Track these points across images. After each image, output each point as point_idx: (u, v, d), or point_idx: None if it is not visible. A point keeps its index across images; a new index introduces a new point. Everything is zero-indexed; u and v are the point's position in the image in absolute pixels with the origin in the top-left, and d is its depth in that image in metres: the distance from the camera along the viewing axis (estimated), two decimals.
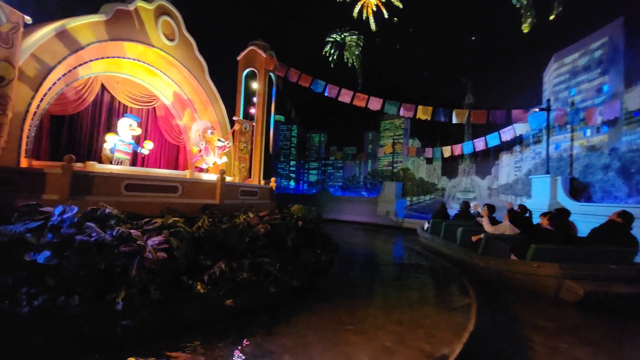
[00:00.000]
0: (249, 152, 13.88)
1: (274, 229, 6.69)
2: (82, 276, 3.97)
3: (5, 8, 5.42)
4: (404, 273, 8.70)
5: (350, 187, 29.73)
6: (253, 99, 14.67)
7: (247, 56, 14.67)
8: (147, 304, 4.12)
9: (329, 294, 6.00)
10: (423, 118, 12.73)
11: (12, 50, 5.55)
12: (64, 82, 7.53)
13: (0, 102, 5.38)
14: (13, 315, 3.53)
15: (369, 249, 12.27)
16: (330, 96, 13.77)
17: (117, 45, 8.25)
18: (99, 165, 6.59)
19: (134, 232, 4.43)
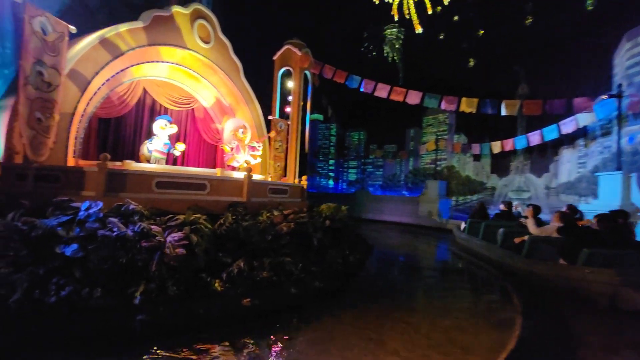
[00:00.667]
0: (284, 151, 13.93)
1: (299, 227, 6.52)
2: (105, 269, 4.10)
3: (51, 19, 5.87)
4: (441, 277, 8.06)
5: (390, 186, 28.80)
6: (289, 97, 14.69)
7: (282, 55, 14.71)
8: (164, 299, 4.14)
9: (355, 299, 5.67)
10: (467, 111, 11.74)
11: (58, 58, 6.01)
12: (108, 87, 8.08)
13: (47, 105, 5.85)
14: (42, 304, 3.72)
15: (407, 252, 11.63)
16: (366, 91, 13.32)
17: (155, 50, 8.66)
18: (135, 164, 6.93)
19: (154, 228, 4.50)
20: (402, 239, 14.95)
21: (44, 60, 5.76)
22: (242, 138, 9.46)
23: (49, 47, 5.84)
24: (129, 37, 7.75)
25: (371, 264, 8.60)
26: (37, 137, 5.70)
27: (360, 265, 7.37)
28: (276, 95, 14.72)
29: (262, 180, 8.01)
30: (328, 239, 6.90)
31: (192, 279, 4.55)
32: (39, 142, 5.73)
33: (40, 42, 5.69)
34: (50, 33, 5.85)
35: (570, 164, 34.64)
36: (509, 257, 7.14)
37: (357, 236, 9.29)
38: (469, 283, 7.85)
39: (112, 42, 7.43)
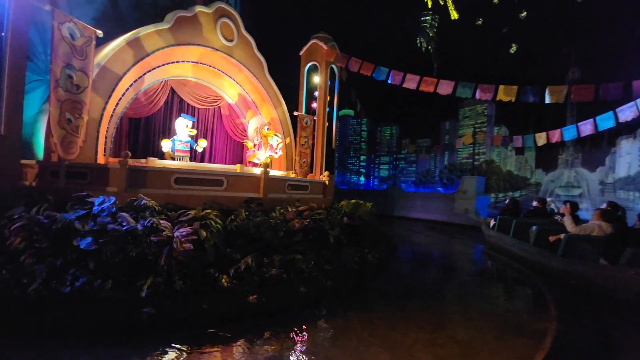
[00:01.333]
0: (310, 147, 13.83)
1: (315, 224, 6.35)
2: (117, 262, 4.23)
3: (78, 24, 6.20)
4: (468, 278, 7.48)
5: (424, 183, 27.58)
6: (315, 93, 14.54)
7: (309, 50, 14.55)
8: (171, 293, 4.19)
9: (371, 301, 5.39)
10: (505, 99, 10.76)
11: (85, 61, 6.35)
12: (136, 88, 8.46)
13: (76, 106, 6.20)
14: (58, 294, 3.92)
15: (436, 251, 11.00)
16: (394, 83, 12.75)
17: (180, 49, 8.92)
18: (159, 161, 7.19)
19: (163, 223, 4.58)
20: (434, 237, 14.22)
21: (72, 63, 6.11)
22: (267, 135, 9.48)
23: (77, 51, 6.17)
24: (154, 39, 8.03)
25: (396, 264, 8.23)
26: (68, 137, 6.06)
27: (381, 265, 7.06)
28: (303, 91, 14.63)
29: (280, 176, 7.95)
30: (346, 236, 6.66)
31: (201, 274, 4.57)
32: (69, 141, 6.10)
33: (69, 47, 6.03)
34: (78, 38, 6.19)
35: (630, 156, 30.50)
36: (543, 256, 6.85)
37: (381, 234, 8.94)
38: (499, 283, 7.26)
39: (138, 44, 7.74)
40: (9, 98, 5.18)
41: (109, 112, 7.52)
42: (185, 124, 8.06)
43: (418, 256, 9.90)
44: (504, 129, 58.39)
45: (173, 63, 9.06)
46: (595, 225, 6.23)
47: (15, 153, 5.28)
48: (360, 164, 71.33)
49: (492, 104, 65.90)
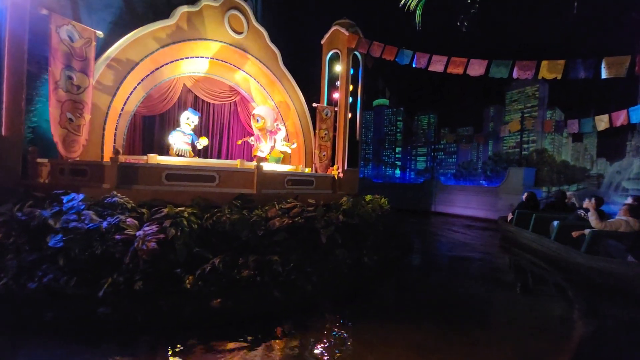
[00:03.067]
0: (330, 140, 13.32)
1: (307, 222, 5.93)
2: (83, 260, 4.25)
3: (77, 26, 6.41)
4: (485, 280, 6.56)
5: (465, 175, 25.33)
6: (337, 83, 13.92)
7: (330, 38, 13.95)
8: (130, 294, 4.10)
9: (360, 311, 4.86)
10: (549, 77, 9.13)
11: (85, 62, 6.57)
12: (147, 86, 8.68)
13: (78, 106, 6.46)
14: (26, 289, 4.03)
15: (462, 252, 9.90)
16: (419, 66, 11.65)
17: (188, 45, 8.96)
18: (159, 157, 7.28)
19: (129, 221, 4.51)
20: (468, 236, 12.91)
21: (72, 65, 6.34)
22: (259, 127, 9.21)
23: (76, 52, 6.40)
24: (158, 36, 8.13)
25: (407, 268, 7.51)
26: (69, 136, 6.34)
27: (384, 269, 6.42)
28: (324, 81, 14.10)
29: (279, 171, 7.63)
30: (341, 236, 6.14)
31: (166, 274, 4.43)
32: (71, 140, 6.38)
33: (68, 49, 6.26)
34: (77, 40, 6.40)
35: None
36: (566, 252, 6.70)
37: (392, 234, 8.21)
38: (519, 281, 6.31)
39: (142, 42, 7.89)
40: (9, 101, 5.50)
41: (117, 109, 7.80)
42: (187, 117, 8.07)
43: (436, 258, 8.99)
44: (559, 112, 50.79)
45: (182, 59, 9.16)
46: (623, 221, 6.15)
47: (16, 152, 5.62)
48: (395, 156, 67.72)
49: (544, 85, 57.58)
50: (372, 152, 65.84)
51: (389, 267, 6.57)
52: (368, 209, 7.36)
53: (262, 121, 9.27)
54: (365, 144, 67.17)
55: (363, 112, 15.29)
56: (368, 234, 6.70)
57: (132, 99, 8.30)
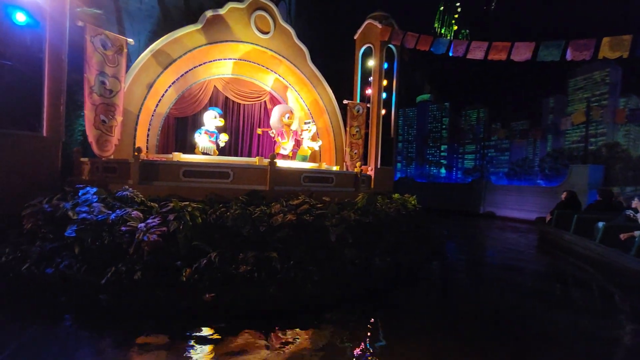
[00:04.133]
0: (362, 137, 12.92)
1: (316, 220, 5.72)
2: (94, 249, 4.54)
3: (110, 35, 6.96)
4: (521, 287, 5.70)
5: (519, 174, 22.78)
6: (371, 78, 13.48)
7: (363, 32, 13.58)
8: (131, 283, 4.26)
9: (358, 318, 4.52)
10: (612, 56, 7.67)
11: (117, 68, 7.12)
12: (179, 88, 9.18)
13: (110, 109, 7.02)
14: (44, 275, 4.41)
15: (507, 258, 8.84)
16: (456, 55, 10.71)
17: (216, 48, 9.30)
18: (183, 156, 7.60)
19: (134, 214, 4.71)
20: (512, 240, 11.54)
21: (105, 71, 6.91)
22: (288, 123, 9.16)
23: (109, 59, 6.96)
24: (185, 41, 8.55)
25: (431, 272, 6.91)
26: (102, 136, 6.92)
27: (397, 272, 5.95)
28: (357, 77, 13.76)
29: (295, 168, 7.50)
30: (353, 235, 5.81)
31: (168, 266, 4.54)
32: (104, 140, 6.95)
33: (101, 57, 6.83)
34: (109, 48, 6.96)
35: None
36: (614, 255, 6.34)
37: (418, 235, 7.62)
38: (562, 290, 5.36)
39: (170, 47, 8.36)
40: (49, 105, 6.14)
41: (149, 109, 8.35)
42: (213, 116, 8.37)
43: (465, 263, 8.14)
44: (635, 99, 42.14)
45: (210, 62, 9.53)
46: None
47: (55, 151, 6.24)
48: (440, 154, 62.53)
49: (616, 69, 47.67)
50: (415, 150, 61.92)
51: (403, 272, 6.06)
52: (384, 208, 6.90)
53: (292, 119, 9.27)
54: (408, 142, 63.61)
55: (403, 109, 14.67)
56: (383, 234, 6.27)
57: (164, 101, 8.84)
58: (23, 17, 5.87)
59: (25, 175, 5.77)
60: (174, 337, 3.70)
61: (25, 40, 5.91)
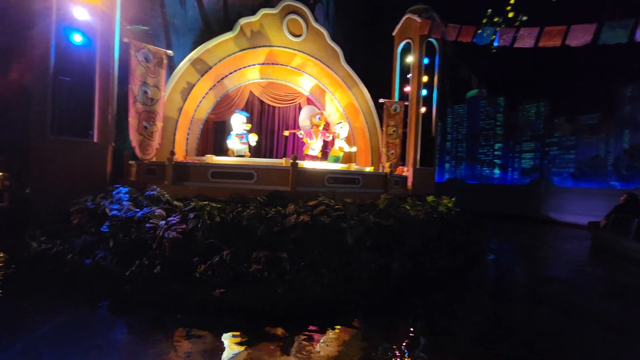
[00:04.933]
0: (399, 137, 12.45)
1: (333, 222, 5.64)
2: (125, 243, 4.99)
3: (151, 49, 7.62)
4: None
5: (588, 175, 19.89)
6: (409, 75, 12.92)
7: (402, 28, 13.09)
8: (150, 276, 4.60)
9: (375, 326, 4.35)
10: None
11: (158, 78, 7.76)
12: (217, 94, 9.72)
13: (151, 116, 7.68)
14: (82, 265, 4.96)
15: (556, 270, 7.80)
16: (503, 44, 9.74)
17: (250, 53, 9.70)
18: (215, 158, 8.03)
19: (158, 212, 5.07)
20: (573, 249, 10.11)
21: (147, 81, 7.58)
22: (317, 124, 9.14)
23: (151, 70, 7.62)
24: (220, 49, 9.05)
25: (459, 281, 6.38)
26: (145, 141, 7.59)
27: (417, 279, 5.60)
28: (395, 75, 13.29)
29: (319, 169, 7.44)
30: (371, 238, 5.61)
31: (186, 262, 4.81)
32: (146, 144, 7.62)
33: (144, 68, 7.51)
34: (151, 60, 7.62)
35: None
36: None
37: (451, 239, 7.08)
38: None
39: (206, 56, 8.91)
40: (99, 115, 6.91)
41: (188, 115, 8.98)
42: (241, 120, 8.70)
43: (502, 274, 7.35)
44: None
45: (245, 68, 9.94)
46: None
47: (104, 155, 7.00)
48: (494, 153, 55.86)
49: None
50: (466, 149, 56.78)
51: (425, 279, 5.67)
52: (410, 211, 6.53)
53: (322, 119, 9.29)
54: (457, 141, 58.72)
55: (450, 106, 13.79)
56: (406, 237, 5.94)
57: (202, 107, 9.44)
58: (79, 37, 6.70)
59: (78, 176, 6.55)
60: (177, 331, 3.90)
61: (81, 58, 6.74)
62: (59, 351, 3.25)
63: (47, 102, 6.37)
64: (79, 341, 3.49)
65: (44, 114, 6.37)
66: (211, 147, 10.30)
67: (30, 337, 3.45)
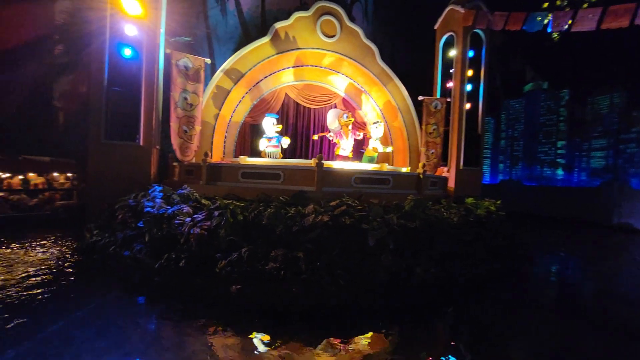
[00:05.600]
0: (440, 135, 11.78)
1: (356, 222, 5.52)
2: (158, 238, 5.39)
3: (190, 58, 8.17)
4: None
5: None
6: (452, 70, 12.19)
7: (444, 20, 12.44)
8: (176, 269, 4.90)
9: (386, 336, 4.17)
10: None
11: (197, 84, 8.29)
12: (252, 98, 10.10)
13: (190, 120, 8.22)
14: (122, 257, 5.46)
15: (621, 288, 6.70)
16: (557, 30, 8.65)
17: (285, 57, 9.95)
18: (248, 159, 8.32)
19: (185, 209, 5.39)
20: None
21: (187, 88, 8.14)
22: (346, 123, 8.99)
23: (190, 78, 8.17)
24: (254, 54, 9.39)
25: (498, 292, 5.81)
26: (184, 144, 8.15)
27: (443, 287, 5.21)
28: (437, 70, 12.62)
29: (347, 169, 7.27)
30: (397, 241, 5.37)
31: (209, 257, 5.05)
32: (186, 147, 8.18)
33: (184, 76, 8.08)
34: (190, 68, 8.17)
35: None
36: None
37: (485, 245, 6.50)
38: None
39: (241, 62, 9.32)
40: (144, 121, 7.57)
41: (225, 119, 9.45)
42: (272, 122, 8.90)
43: (543, 287, 6.47)
44: None
45: (279, 71, 10.19)
46: None
47: (148, 157, 7.64)
48: (557, 152, 48.20)
49: None
50: (523, 148, 50.58)
51: (454, 287, 5.25)
52: (435, 212, 6.11)
53: (349, 117, 9.18)
54: (513, 139, 52.64)
55: (507, 100, 12.67)
56: (433, 241, 5.57)
57: (239, 111, 9.88)
58: (129, 51, 7.42)
59: (126, 176, 7.24)
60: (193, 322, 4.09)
61: (130, 70, 7.45)
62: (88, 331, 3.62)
63: (101, 110, 7.15)
64: (105, 323, 3.85)
65: (99, 121, 7.15)
66: (248, 149, 10.71)
67: (69, 317, 3.89)
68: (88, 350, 3.25)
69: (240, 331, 3.86)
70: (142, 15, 7.39)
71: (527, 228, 11.99)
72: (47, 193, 9.80)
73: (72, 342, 3.39)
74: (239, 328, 3.92)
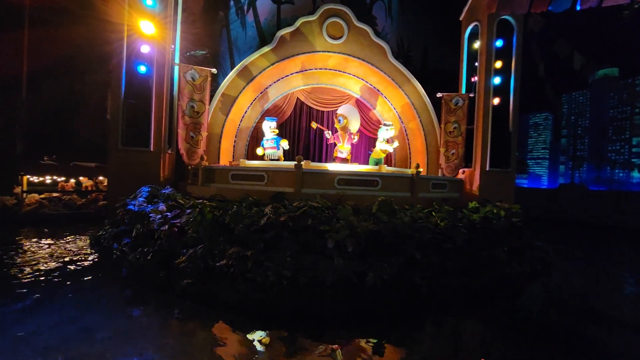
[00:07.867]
0: (462, 134, 10.87)
1: (314, 223, 5.46)
2: (141, 233, 5.96)
3: (197, 69, 8.86)
4: None
5: None
6: (477, 63, 11.21)
7: (469, 10, 11.55)
8: (146, 262, 5.37)
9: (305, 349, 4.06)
10: None
11: (203, 93, 8.95)
12: (262, 104, 10.51)
13: (197, 127, 8.89)
14: (112, 249, 6.14)
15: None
16: (587, 7, 7.34)
17: (292, 62, 10.17)
18: (248, 162, 8.67)
19: (160, 208, 5.86)
20: None
21: (194, 97, 8.84)
22: (341, 127, 8.78)
23: (197, 87, 8.86)
24: (259, 62, 9.77)
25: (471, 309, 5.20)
26: (191, 149, 8.84)
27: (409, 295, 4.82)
28: (462, 64, 11.70)
29: (328, 171, 7.10)
30: (355, 243, 5.15)
31: (177, 252, 5.42)
32: (192, 151, 8.86)
33: (191, 87, 8.79)
34: (197, 79, 8.86)
35: None
36: None
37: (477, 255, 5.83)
38: None
39: (246, 70, 9.75)
40: (155, 128, 8.40)
41: (234, 124, 9.99)
42: (269, 125, 9.12)
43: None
44: None
45: (287, 76, 10.44)
46: None
47: (157, 161, 8.45)
48: (631, 151, 38.80)
49: None
50: (588, 147, 42.75)
51: (413, 299, 4.83)
52: (404, 216, 5.65)
53: (345, 121, 9.01)
54: (576, 137, 44.79)
55: (569, 94, 11.19)
56: (400, 247, 5.20)
57: (248, 117, 10.35)
58: (144, 68, 8.34)
59: (138, 178, 8.06)
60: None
61: (143, 83, 8.35)
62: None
63: (119, 119, 8.13)
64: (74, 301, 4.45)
65: (117, 129, 8.14)
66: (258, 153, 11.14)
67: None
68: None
69: (182, 318, 4.14)
70: (155, 34, 8.26)
71: (578, 240, 10.22)
72: (93, 194, 11.40)
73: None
74: (183, 315, 4.22)
